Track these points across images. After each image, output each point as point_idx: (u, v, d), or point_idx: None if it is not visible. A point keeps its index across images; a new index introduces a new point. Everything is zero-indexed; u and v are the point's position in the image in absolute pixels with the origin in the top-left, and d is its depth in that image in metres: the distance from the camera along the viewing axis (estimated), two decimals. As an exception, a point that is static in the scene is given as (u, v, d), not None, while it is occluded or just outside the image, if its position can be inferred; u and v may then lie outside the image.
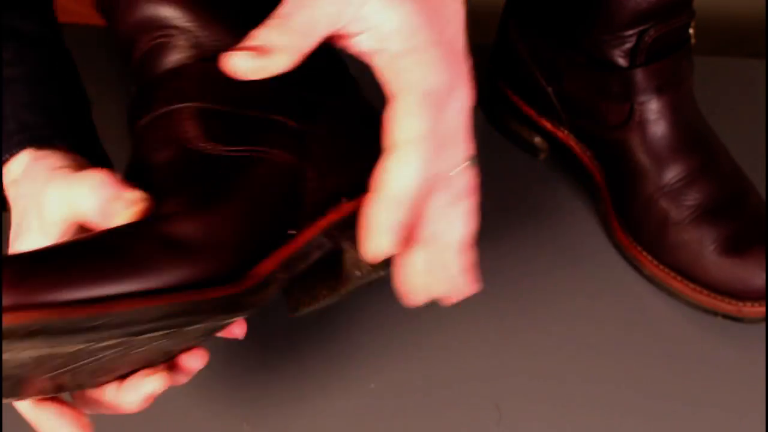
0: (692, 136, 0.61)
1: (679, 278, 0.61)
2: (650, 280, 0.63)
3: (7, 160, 0.47)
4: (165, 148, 0.45)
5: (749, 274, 0.58)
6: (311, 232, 0.46)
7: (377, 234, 0.43)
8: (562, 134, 0.69)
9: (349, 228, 0.46)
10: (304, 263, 0.46)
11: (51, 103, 0.50)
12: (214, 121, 0.45)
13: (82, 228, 0.45)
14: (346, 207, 0.46)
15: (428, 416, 0.55)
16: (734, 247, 0.59)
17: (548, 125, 0.70)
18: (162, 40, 0.45)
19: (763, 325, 0.60)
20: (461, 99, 0.43)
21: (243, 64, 0.41)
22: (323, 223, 0.46)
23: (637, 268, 0.63)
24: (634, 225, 0.63)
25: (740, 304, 0.59)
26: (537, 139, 0.71)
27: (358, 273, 0.48)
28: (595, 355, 0.58)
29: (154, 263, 0.40)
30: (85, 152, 0.49)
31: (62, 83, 0.52)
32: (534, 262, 0.64)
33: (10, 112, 0.49)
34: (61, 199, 0.43)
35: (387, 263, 0.46)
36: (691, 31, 0.62)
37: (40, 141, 0.48)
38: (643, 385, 0.57)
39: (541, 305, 0.61)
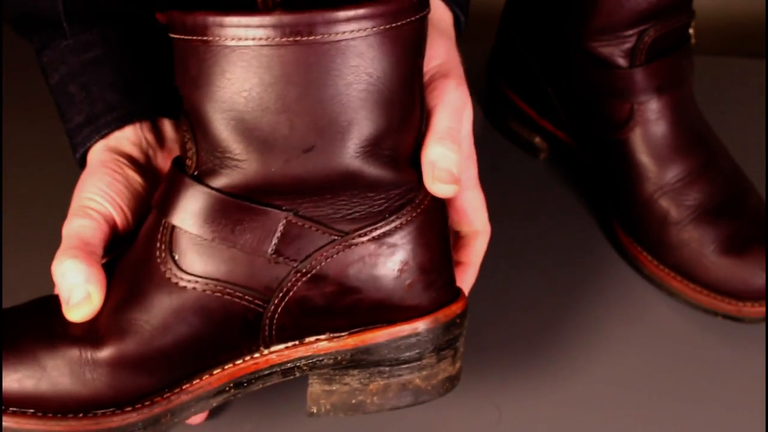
0: (692, 136, 0.61)
1: (679, 278, 0.61)
2: (650, 280, 0.63)
3: (96, 141, 0.50)
4: (141, 246, 0.45)
5: (749, 274, 0.58)
6: (270, 362, 0.45)
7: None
8: (562, 134, 0.69)
9: (321, 366, 0.45)
10: (262, 382, 0.45)
11: (135, 79, 0.52)
12: (188, 244, 0.43)
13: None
14: (324, 346, 0.44)
15: (428, 416, 0.55)
16: (734, 247, 0.59)
17: (548, 125, 0.70)
18: (185, 123, 0.44)
19: (763, 325, 0.60)
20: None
21: (450, 191, 0.44)
22: (292, 354, 0.45)
23: (637, 268, 0.63)
24: (634, 225, 0.63)
25: (740, 304, 0.59)
26: (537, 139, 0.71)
27: (314, 410, 0.45)
28: (595, 355, 0.58)
29: (59, 381, 0.43)
30: (173, 114, 0.52)
31: (146, 55, 0.53)
32: (534, 262, 0.64)
33: (97, 94, 0.51)
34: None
35: (347, 409, 0.45)
36: (691, 31, 0.62)
37: (125, 120, 0.50)
38: (643, 385, 0.57)
39: (540, 305, 0.61)
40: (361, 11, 0.38)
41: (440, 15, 0.51)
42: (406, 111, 0.42)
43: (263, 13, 0.38)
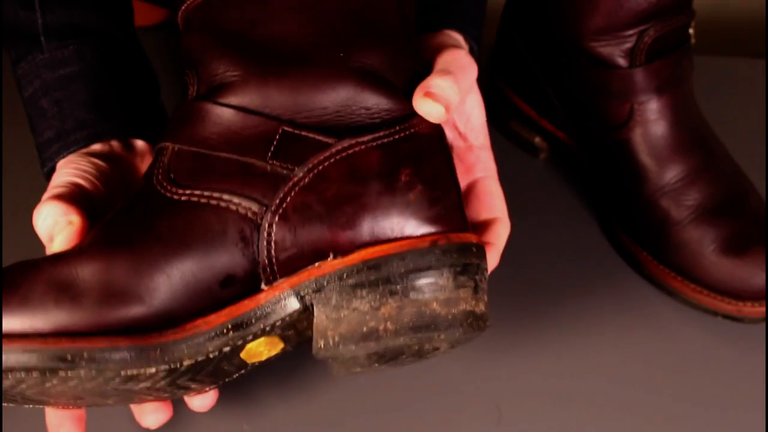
0: (692, 136, 0.61)
1: (679, 278, 0.61)
2: (650, 280, 0.63)
3: (63, 157, 0.50)
4: (142, 182, 0.45)
5: (749, 274, 0.58)
6: (274, 291, 0.42)
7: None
8: (562, 134, 0.69)
9: (325, 290, 0.41)
10: (263, 323, 0.42)
11: (108, 98, 0.52)
12: (185, 162, 0.43)
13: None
14: (328, 265, 0.41)
15: (428, 416, 0.55)
16: (734, 247, 0.59)
17: (548, 125, 0.70)
18: (187, 70, 0.45)
19: (763, 325, 0.60)
20: None
21: (436, 111, 0.43)
22: (294, 281, 0.42)
23: (637, 268, 0.64)
24: (634, 225, 0.63)
25: (740, 304, 0.59)
26: (537, 139, 0.71)
27: (321, 344, 0.41)
28: (595, 355, 0.58)
29: (40, 304, 0.40)
30: (145, 136, 0.52)
31: (122, 75, 0.53)
32: (534, 262, 0.64)
33: (68, 111, 0.51)
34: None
35: (358, 339, 0.41)
36: (691, 31, 0.62)
37: (94, 138, 0.50)
38: (643, 385, 0.57)
39: (540, 305, 0.61)
40: None
41: (458, 42, 0.53)
42: (396, 43, 0.44)
43: None
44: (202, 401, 0.48)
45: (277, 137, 0.42)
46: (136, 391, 0.43)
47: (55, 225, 0.44)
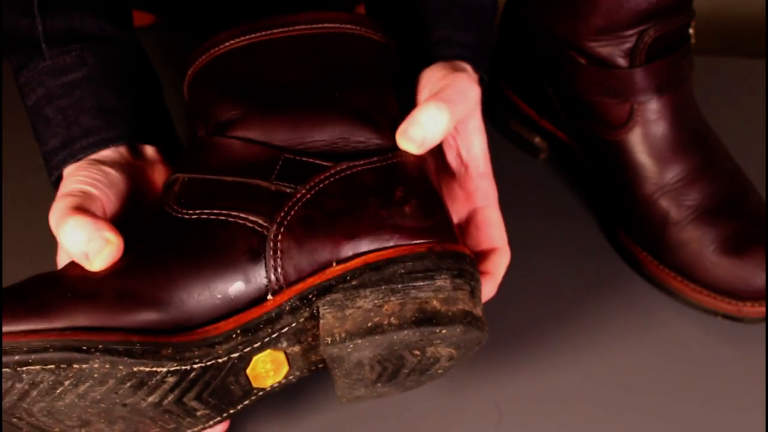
0: (692, 136, 0.61)
1: (679, 278, 0.61)
2: (650, 280, 0.63)
3: (70, 164, 0.50)
4: (158, 208, 0.48)
5: (749, 274, 0.58)
6: (282, 298, 0.44)
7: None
8: (562, 134, 0.69)
9: (330, 293, 0.43)
10: (270, 328, 0.44)
11: (113, 103, 0.52)
12: (194, 188, 0.46)
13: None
14: (332, 271, 0.44)
15: (428, 416, 0.55)
16: (734, 247, 0.59)
17: (548, 125, 0.70)
18: (196, 119, 0.51)
19: (763, 325, 0.60)
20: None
21: (411, 147, 0.47)
22: (299, 287, 0.44)
23: (637, 268, 0.64)
24: (634, 225, 0.63)
25: (740, 304, 0.59)
26: (537, 139, 0.71)
27: (328, 340, 0.43)
28: (595, 355, 0.58)
29: (59, 306, 0.43)
30: (152, 141, 0.53)
31: (126, 80, 0.53)
32: (533, 262, 0.64)
33: (73, 118, 0.51)
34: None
35: (363, 333, 0.42)
36: (691, 31, 0.62)
37: (101, 145, 0.51)
38: (643, 385, 0.57)
39: (540, 305, 0.61)
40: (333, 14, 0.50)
41: (466, 70, 0.54)
42: (380, 87, 0.50)
43: (251, 25, 0.49)
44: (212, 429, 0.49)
45: (280, 163, 0.46)
46: (142, 410, 0.44)
47: (89, 242, 0.44)
